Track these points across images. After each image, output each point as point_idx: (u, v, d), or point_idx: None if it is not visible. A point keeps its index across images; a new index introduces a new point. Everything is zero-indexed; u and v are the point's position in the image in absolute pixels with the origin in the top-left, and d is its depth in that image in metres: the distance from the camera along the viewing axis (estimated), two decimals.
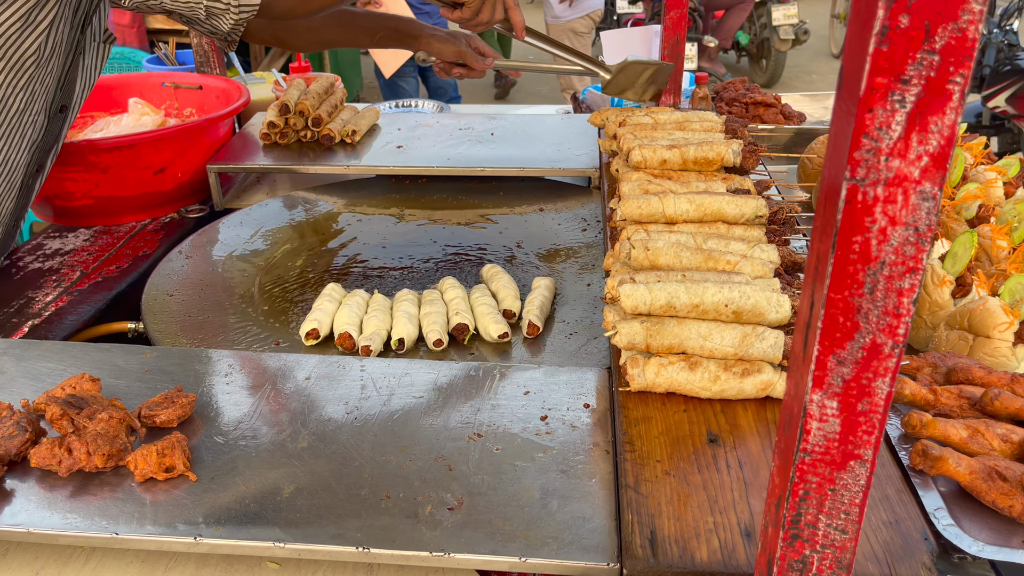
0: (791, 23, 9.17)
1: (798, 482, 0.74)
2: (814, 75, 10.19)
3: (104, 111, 2.58)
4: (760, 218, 1.45)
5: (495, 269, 1.75)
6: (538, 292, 1.65)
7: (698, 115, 1.98)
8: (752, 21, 9.55)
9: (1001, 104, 4.87)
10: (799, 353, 0.72)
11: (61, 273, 1.96)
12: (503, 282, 1.67)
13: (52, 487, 1.13)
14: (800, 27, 9.28)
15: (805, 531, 0.76)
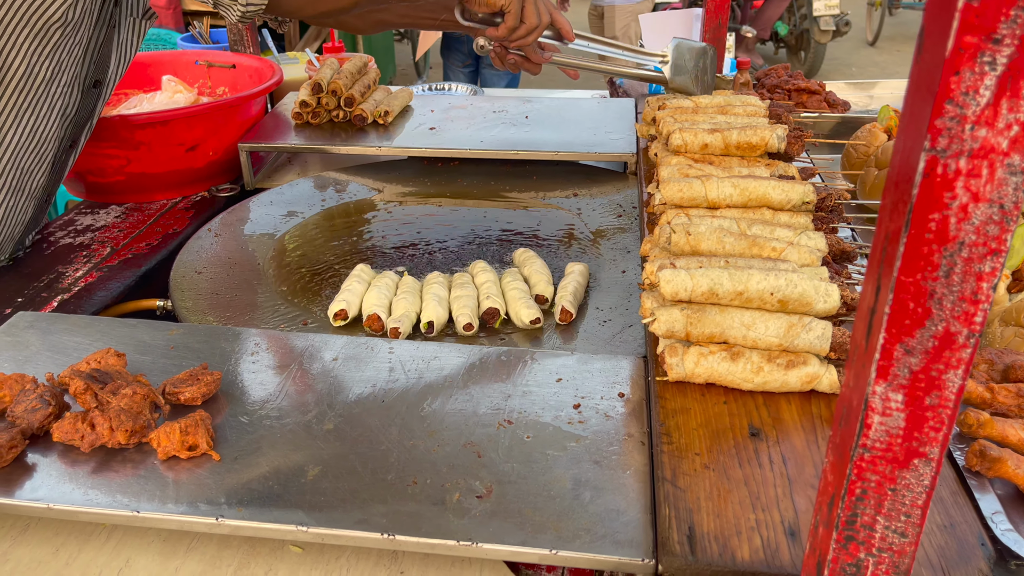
0: (832, 14, 8.98)
1: (855, 480, 0.69)
2: (853, 67, 9.99)
3: (138, 88, 2.57)
4: (807, 204, 1.39)
5: (528, 253, 1.70)
6: (571, 278, 1.60)
7: (741, 99, 1.92)
8: (792, 11, 9.38)
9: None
10: (860, 342, 0.67)
11: (92, 249, 1.95)
12: (536, 267, 1.63)
13: (74, 462, 1.11)
14: (841, 18, 9.08)
15: (861, 533, 0.71)
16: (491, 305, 1.53)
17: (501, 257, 1.81)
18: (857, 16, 10.77)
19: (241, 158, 2.21)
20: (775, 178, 1.43)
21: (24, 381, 1.19)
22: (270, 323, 1.53)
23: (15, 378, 1.19)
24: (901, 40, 11.12)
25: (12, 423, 1.12)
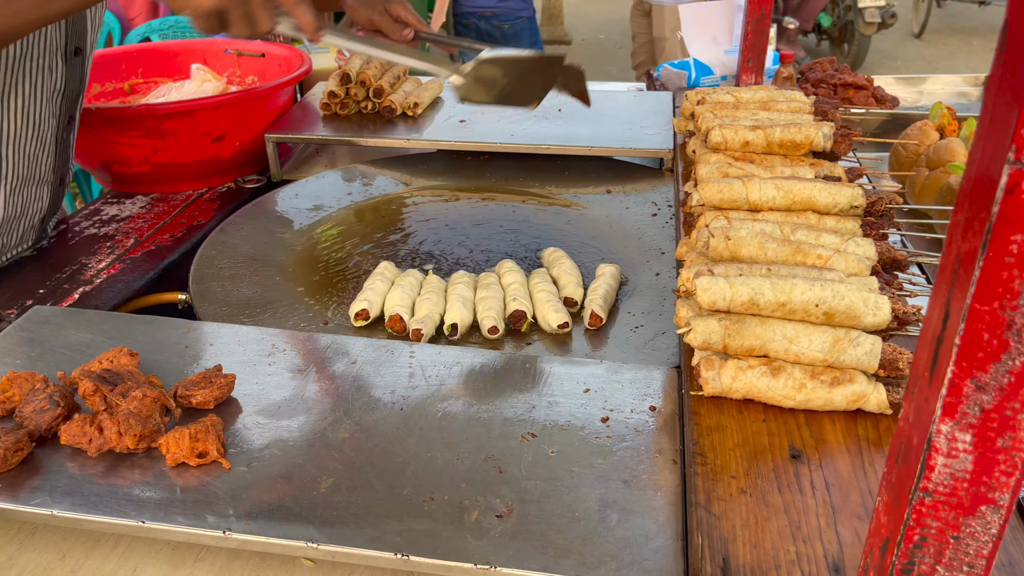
0: (878, 5, 8.74)
1: (914, 526, 0.62)
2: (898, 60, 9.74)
3: (167, 77, 2.54)
4: (855, 209, 1.31)
5: (557, 253, 1.63)
6: (602, 280, 1.53)
7: (784, 94, 1.83)
8: (836, 3, 9.15)
9: None
10: (923, 372, 0.60)
11: (115, 240, 1.92)
12: (565, 267, 1.56)
13: (82, 466, 1.07)
14: (887, 10, 8.84)
15: None
16: (518, 308, 1.46)
17: (530, 256, 1.75)
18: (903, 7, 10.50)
19: (268, 149, 2.17)
20: (821, 180, 1.35)
21: (34, 380, 1.15)
22: (290, 322, 1.49)
23: (25, 376, 1.15)
24: (949, 33, 10.82)
25: (19, 424, 1.09)
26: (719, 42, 2.48)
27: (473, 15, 4.89)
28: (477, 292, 1.53)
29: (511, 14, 4.86)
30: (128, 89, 2.50)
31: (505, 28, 4.85)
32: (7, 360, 1.27)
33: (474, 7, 4.86)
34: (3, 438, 1.04)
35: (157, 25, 5.16)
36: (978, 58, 9.81)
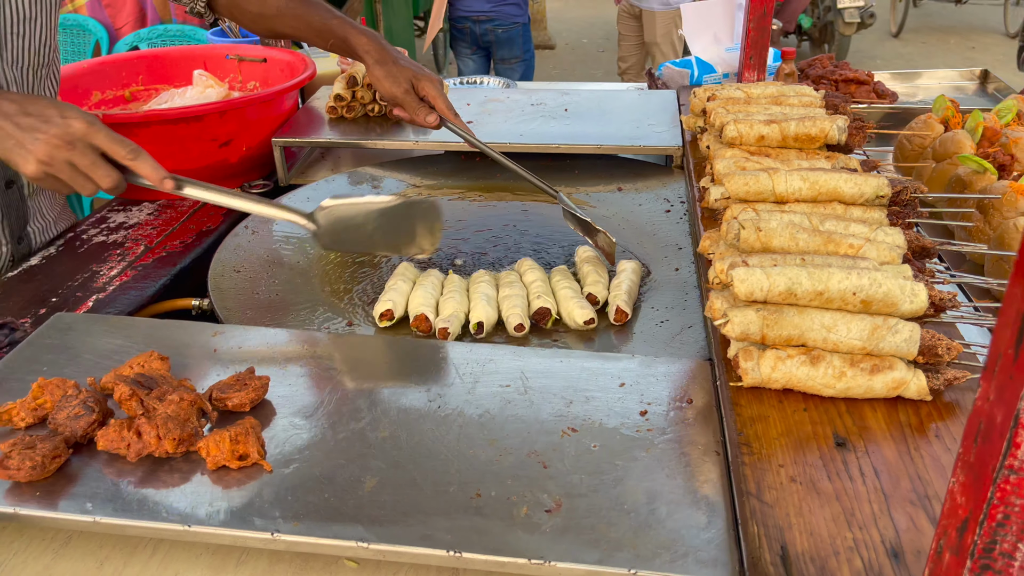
0: (857, 6, 8.84)
1: (997, 504, 0.62)
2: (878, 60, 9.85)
3: (168, 83, 2.53)
4: (881, 199, 1.31)
5: (588, 252, 1.62)
6: (624, 276, 1.53)
7: (794, 89, 1.84)
8: (816, 4, 9.24)
9: None
10: (1006, 351, 0.60)
11: (125, 247, 1.90)
12: (594, 265, 1.55)
13: (120, 472, 1.05)
14: (866, 10, 8.94)
15: (999, 561, 0.64)
16: (542, 305, 1.46)
17: (548, 254, 1.75)
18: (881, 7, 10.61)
19: (275, 153, 2.16)
20: (846, 171, 1.36)
21: (66, 386, 1.13)
22: (313, 324, 1.47)
23: (56, 383, 1.14)
24: (926, 32, 10.95)
25: (55, 431, 1.07)
26: (720, 40, 2.50)
27: (468, 19, 4.92)
28: (500, 290, 1.52)
29: (506, 19, 4.89)
30: (129, 96, 2.48)
31: (500, 33, 4.87)
32: (34, 367, 1.25)
33: (469, 11, 4.89)
34: (39, 445, 1.03)
35: (145, 34, 5.13)
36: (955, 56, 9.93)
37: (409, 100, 1.69)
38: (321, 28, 1.77)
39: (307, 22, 1.78)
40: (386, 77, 1.69)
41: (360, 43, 1.73)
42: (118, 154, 1.24)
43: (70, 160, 1.21)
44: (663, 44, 5.71)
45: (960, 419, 1.07)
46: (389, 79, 1.69)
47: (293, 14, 1.78)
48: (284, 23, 1.81)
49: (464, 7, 4.88)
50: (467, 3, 4.87)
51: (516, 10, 4.96)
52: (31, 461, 1.00)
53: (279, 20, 1.80)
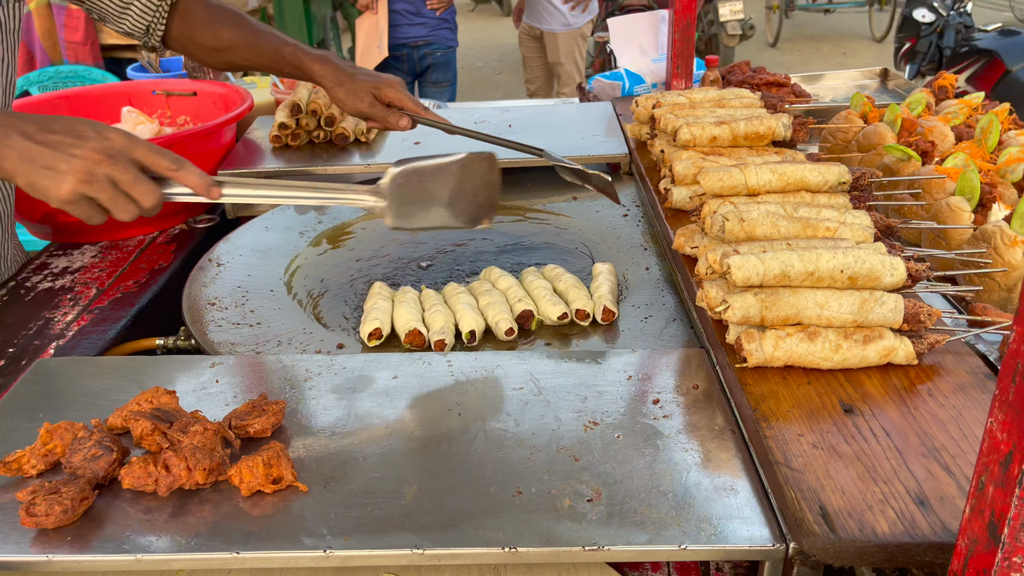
0: (738, 19, 9.32)
1: None
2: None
3: None
4: (843, 185, 1.42)
5: (557, 270, 1.66)
6: (603, 278, 1.59)
7: (734, 92, 1.95)
8: (700, 18, 9.67)
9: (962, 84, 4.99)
10: None
11: (76, 291, 1.84)
12: (570, 281, 1.59)
13: (149, 509, 1.03)
14: (746, 22, 9.43)
15: None
16: (524, 308, 1.50)
17: (516, 265, 1.78)
18: (757, 20, 11.20)
19: None
20: (810, 161, 1.46)
21: (75, 429, 1.10)
22: (303, 348, 1.46)
23: (65, 426, 1.10)
24: (800, 41, 11.61)
25: (73, 474, 1.04)
26: (646, 52, 2.61)
27: (405, 46, 4.96)
28: (479, 299, 1.55)
29: (443, 43, 4.98)
30: None
31: (438, 55, 4.94)
32: (28, 414, 1.20)
33: (407, 38, 4.95)
34: (63, 489, 0.99)
35: (35, 77, 4.92)
36: (829, 61, 10.56)
37: (376, 111, 1.70)
38: (274, 57, 1.77)
39: (259, 52, 1.78)
40: (348, 96, 1.70)
41: (315, 69, 1.74)
42: (162, 166, 1.13)
43: (111, 177, 1.08)
44: (567, 64, 5.88)
45: (944, 378, 1.16)
46: (352, 97, 1.70)
47: (246, 46, 1.78)
48: (238, 55, 1.80)
49: (402, 34, 4.93)
50: (404, 30, 4.93)
51: (450, 34, 5.07)
52: (60, 506, 0.96)
53: (232, 52, 1.79)
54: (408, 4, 4.92)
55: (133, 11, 1.77)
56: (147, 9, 1.77)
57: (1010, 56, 4.77)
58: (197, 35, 1.79)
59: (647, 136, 2.02)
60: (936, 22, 5.85)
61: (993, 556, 0.75)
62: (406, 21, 4.94)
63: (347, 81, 1.71)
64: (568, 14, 5.69)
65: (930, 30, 5.98)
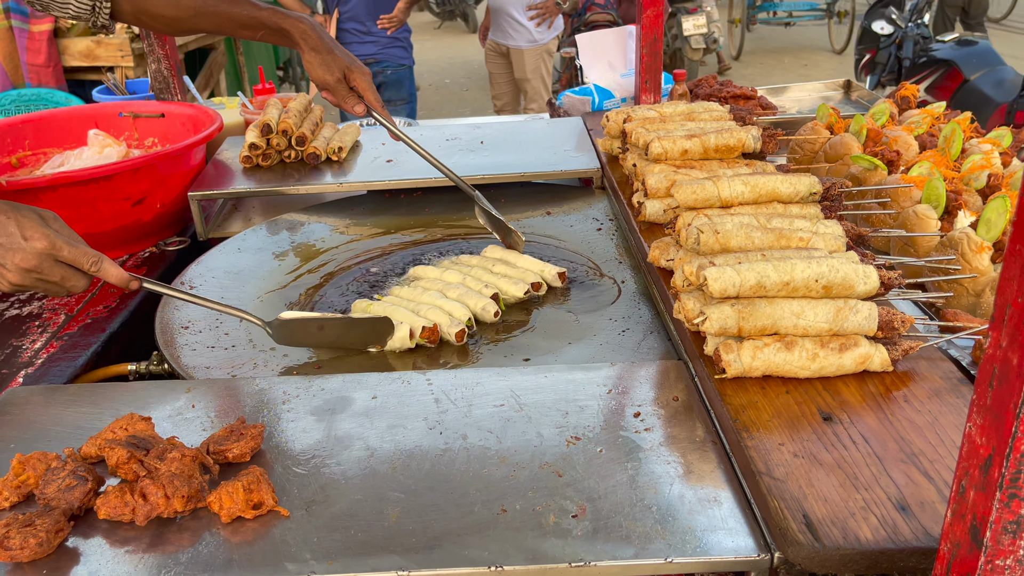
0: (701, 32, 9.44)
1: (1021, 437, 0.71)
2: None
3: (57, 146, 2.41)
4: (814, 195, 1.44)
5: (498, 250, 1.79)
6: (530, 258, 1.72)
7: (703, 105, 1.98)
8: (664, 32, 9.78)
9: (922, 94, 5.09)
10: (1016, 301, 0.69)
11: (44, 318, 1.80)
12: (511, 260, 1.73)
13: (124, 540, 1.01)
14: (710, 36, 9.55)
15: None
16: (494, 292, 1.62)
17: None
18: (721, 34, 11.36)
19: (192, 208, 2.10)
20: (780, 172, 1.47)
21: (48, 459, 1.07)
22: (280, 370, 1.45)
23: (37, 457, 1.07)
24: (762, 54, 11.79)
25: (48, 505, 1.01)
26: (615, 67, 2.63)
27: None
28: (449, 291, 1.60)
29: (394, 61, 4.96)
30: (16, 163, 2.35)
31: (388, 73, 4.92)
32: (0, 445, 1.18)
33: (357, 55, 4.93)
34: (38, 521, 0.97)
35: None
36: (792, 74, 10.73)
37: (340, 88, 1.78)
38: (248, 21, 1.77)
39: (230, 17, 1.77)
40: (320, 64, 1.75)
41: (298, 29, 1.76)
42: (83, 266, 1.29)
43: (40, 278, 1.26)
44: (533, 79, 5.91)
45: (919, 384, 1.18)
46: (323, 67, 1.75)
47: (214, 11, 1.77)
48: (204, 21, 1.79)
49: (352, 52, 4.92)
50: (354, 48, 4.91)
51: (403, 52, 5.05)
52: (35, 539, 0.94)
53: (199, 19, 1.78)
54: (357, 23, 4.92)
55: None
56: None
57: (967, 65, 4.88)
58: (154, 5, 1.77)
59: (619, 150, 2.03)
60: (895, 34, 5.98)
61: (976, 560, 0.76)
62: (356, 39, 4.94)
63: (324, 51, 1.76)
64: (534, 30, 5.73)
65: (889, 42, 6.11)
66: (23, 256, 1.22)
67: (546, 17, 5.71)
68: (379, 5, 4.94)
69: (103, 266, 1.30)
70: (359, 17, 4.91)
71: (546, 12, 5.70)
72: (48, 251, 1.24)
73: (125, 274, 1.34)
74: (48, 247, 1.24)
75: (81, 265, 1.28)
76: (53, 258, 1.25)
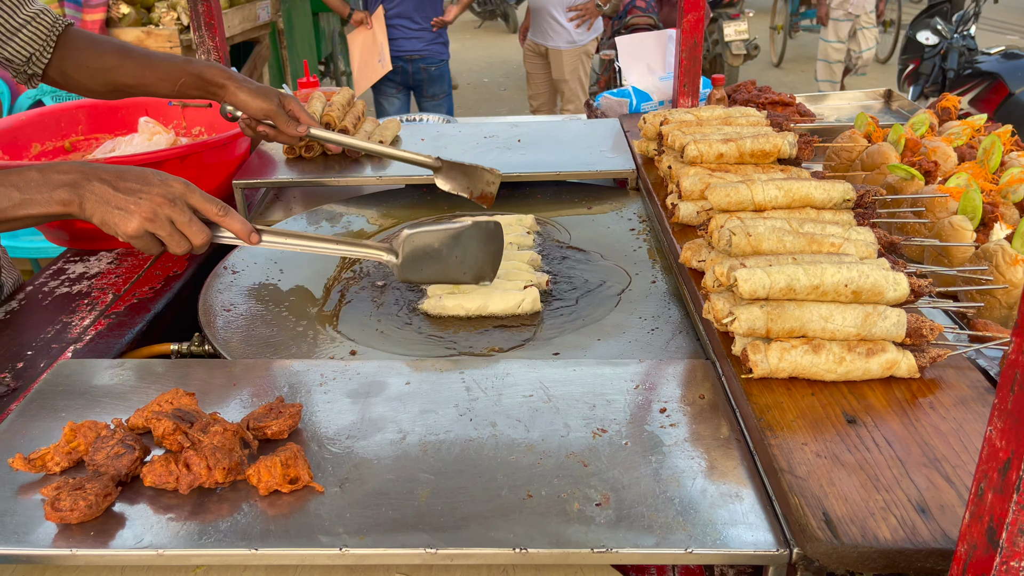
0: (742, 38, 9.39)
1: None
2: None
3: (108, 132, 2.49)
4: (847, 202, 1.45)
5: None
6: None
7: (740, 110, 1.99)
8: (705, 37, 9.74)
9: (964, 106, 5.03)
10: None
11: (92, 297, 1.87)
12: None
13: (168, 507, 1.06)
14: (751, 42, 9.50)
15: None
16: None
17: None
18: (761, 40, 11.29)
19: (236, 196, 2.16)
20: (814, 179, 1.49)
21: (98, 428, 1.13)
22: (317, 354, 1.49)
23: (88, 425, 1.13)
24: (803, 61, 11.69)
25: (97, 471, 1.06)
26: (654, 70, 2.65)
27: (402, 59, 5.02)
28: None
29: (436, 57, 5.04)
30: (69, 147, 2.44)
31: (432, 70, 5.00)
32: (51, 413, 1.23)
33: (402, 51, 5.03)
34: (88, 485, 1.02)
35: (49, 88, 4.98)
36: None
37: (280, 114, 1.85)
38: (169, 71, 1.83)
39: (151, 68, 1.83)
40: (255, 96, 1.82)
41: (217, 74, 1.84)
42: (210, 212, 1.31)
43: (171, 217, 1.27)
44: (571, 80, 5.95)
45: (946, 391, 1.19)
46: (260, 96, 1.82)
47: (135, 63, 1.82)
48: (125, 73, 1.83)
49: (398, 47, 5.02)
50: (400, 43, 5.01)
51: (443, 48, 5.16)
52: (84, 501, 0.99)
53: (120, 71, 1.82)
54: (405, 19, 5.01)
55: (21, 37, 1.78)
56: (36, 37, 1.79)
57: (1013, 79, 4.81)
58: (80, 60, 1.82)
59: (654, 152, 2.05)
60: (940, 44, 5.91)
61: (992, 560, 0.78)
62: (402, 35, 5.03)
63: (251, 85, 1.84)
64: (573, 32, 5.76)
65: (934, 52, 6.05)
66: (161, 191, 1.26)
67: (586, 18, 5.74)
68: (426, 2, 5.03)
69: (229, 215, 1.32)
70: (407, 13, 5.00)
71: (586, 13, 5.72)
72: (183, 191, 1.28)
73: (248, 225, 1.35)
74: (183, 188, 1.29)
75: (209, 211, 1.30)
76: (185, 200, 1.28)
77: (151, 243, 1.29)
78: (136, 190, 1.26)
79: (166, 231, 1.28)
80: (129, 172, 1.29)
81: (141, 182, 1.27)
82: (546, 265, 1.80)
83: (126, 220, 1.25)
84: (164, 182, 1.28)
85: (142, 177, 1.28)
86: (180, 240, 1.29)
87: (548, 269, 1.77)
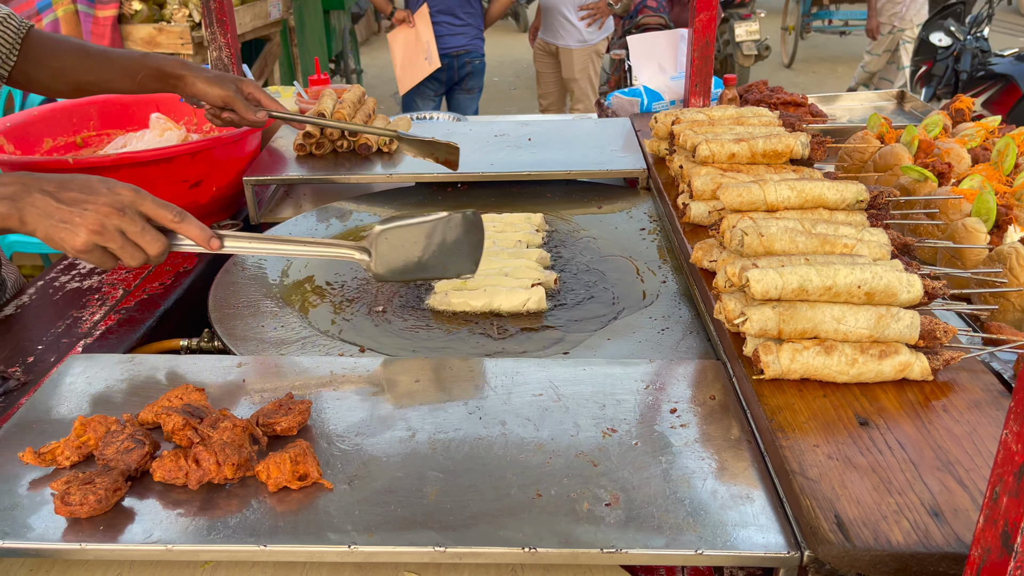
0: (753, 39, 9.36)
1: None
2: None
3: (120, 128, 2.50)
4: (861, 203, 1.44)
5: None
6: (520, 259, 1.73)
7: (752, 110, 1.98)
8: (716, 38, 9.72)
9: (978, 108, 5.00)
10: None
11: (103, 292, 1.88)
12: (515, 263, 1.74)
13: (177, 502, 1.05)
14: (762, 43, 9.47)
15: None
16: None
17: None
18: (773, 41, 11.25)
19: (246, 192, 2.16)
20: (827, 179, 1.48)
21: (108, 422, 1.13)
22: (326, 352, 1.49)
23: (98, 420, 1.13)
24: (815, 62, 11.64)
25: (107, 466, 1.07)
26: (665, 70, 2.64)
27: (448, 55, 5.07)
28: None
29: (477, 51, 5.10)
30: (80, 142, 2.44)
31: (476, 63, 5.06)
32: (62, 408, 1.23)
33: (450, 48, 5.08)
34: (97, 480, 1.02)
35: None
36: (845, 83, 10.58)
37: (239, 100, 1.81)
38: (128, 66, 1.82)
39: (110, 65, 1.82)
40: (213, 83, 1.79)
41: (175, 66, 1.82)
42: (165, 218, 1.23)
43: (121, 228, 1.18)
44: (581, 80, 5.93)
45: (959, 394, 1.18)
46: (217, 83, 1.79)
47: (94, 61, 1.82)
48: (86, 71, 1.82)
49: (444, 44, 5.05)
50: (446, 40, 5.04)
51: (482, 44, 5.21)
52: (94, 495, 0.99)
53: (80, 70, 1.82)
54: (449, 15, 5.03)
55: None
56: (3, 41, 1.78)
57: None
58: (42, 61, 1.82)
59: (665, 152, 2.04)
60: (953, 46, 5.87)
61: (1006, 565, 0.77)
62: (447, 31, 5.05)
63: (208, 73, 1.82)
64: (584, 31, 5.75)
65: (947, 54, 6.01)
66: (107, 200, 1.17)
67: (597, 17, 5.73)
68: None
69: (186, 221, 1.23)
70: (451, 9, 5.03)
71: (598, 13, 5.71)
72: (132, 199, 1.19)
73: (207, 231, 1.26)
74: (133, 195, 1.20)
75: (163, 218, 1.22)
76: (136, 208, 1.19)
77: (103, 257, 1.20)
78: (80, 200, 1.17)
79: (117, 243, 1.19)
80: (73, 181, 1.20)
81: (86, 191, 1.18)
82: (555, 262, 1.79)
83: (72, 234, 1.17)
84: (111, 190, 1.19)
85: (87, 186, 1.20)
86: (134, 251, 1.21)
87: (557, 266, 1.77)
